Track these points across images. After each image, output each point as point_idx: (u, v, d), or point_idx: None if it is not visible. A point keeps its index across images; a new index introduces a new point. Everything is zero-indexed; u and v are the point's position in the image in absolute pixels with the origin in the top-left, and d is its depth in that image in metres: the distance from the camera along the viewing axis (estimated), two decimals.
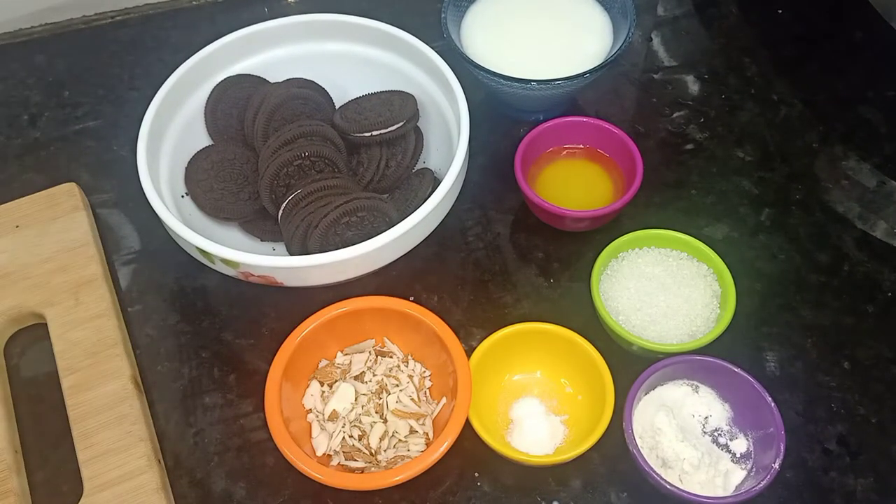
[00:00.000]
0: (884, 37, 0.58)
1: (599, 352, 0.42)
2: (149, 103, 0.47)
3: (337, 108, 0.52)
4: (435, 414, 0.43)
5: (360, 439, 0.41)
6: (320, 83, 0.52)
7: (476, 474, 0.42)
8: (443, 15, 0.53)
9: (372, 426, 0.41)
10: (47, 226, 0.49)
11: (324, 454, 0.41)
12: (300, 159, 0.46)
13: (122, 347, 0.45)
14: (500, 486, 0.42)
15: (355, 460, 0.41)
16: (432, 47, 0.50)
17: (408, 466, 0.38)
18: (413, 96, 0.50)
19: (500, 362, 0.43)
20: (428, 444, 0.41)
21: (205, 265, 0.44)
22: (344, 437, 0.41)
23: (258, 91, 0.50)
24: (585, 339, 0.42)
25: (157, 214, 0.43)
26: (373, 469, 0.41)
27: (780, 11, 0.64)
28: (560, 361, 0.44)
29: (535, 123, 0.51)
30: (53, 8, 0.63)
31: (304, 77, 0.51)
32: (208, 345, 0.47)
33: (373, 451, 0.41)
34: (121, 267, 0.50)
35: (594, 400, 0.42)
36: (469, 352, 0.43)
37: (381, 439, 0.41)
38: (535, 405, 0.43)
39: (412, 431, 0.42)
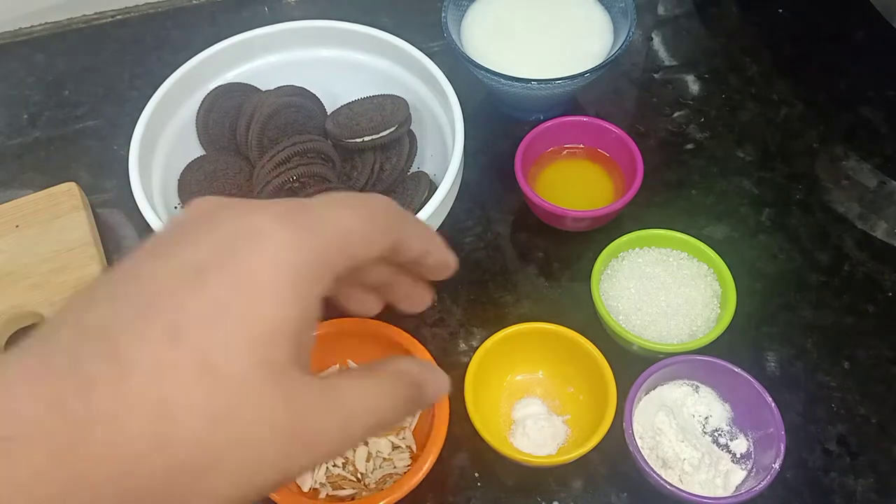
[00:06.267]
0: (884, 37, 0.58)
1: (600, 351, 0.42)
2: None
3: (329, 114, 0.51)
4: (413, 425, 0.42)
5: (344, 466, 0.41)
6: (313, 90, 0.51)
7: (476, 474, 0.42)
8: (443, 14, 0.53)
9: (354, 450, 0.41)
10: (47, 225, 0.49)
11: (310, 489, 0.40)
12: (290, 182, 0.45)
13: None
14: (500, 486, 0.42)
15: (343, 489, 0.40)
16: (432, 47, 0.50)
17: (398, 486, 0.37)
18: (405, 100, 0.49)
19: (501, 362, 0.43)
20: (413, 457, 0.40)
21: None
22: (328, 468, 0.40)
23: (250, 100, 0.50)
24: (587, 338, 0.42)
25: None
26: (363, 494, 0.40)
27: (780, 11, 0.64)
28: (562, 361, 0.44)
29: (536, 123, 0.51)
30: (53, 7, 0.63)
31: (297, 84, 0.51)
32: None
33: (360, 476, 0.40)
34: None
35: (596, 400, 0.42)
36: (470, 352, 0.42)
37: (367, 461, 0.40)
38: (537, 405, 0.43)
39: (395, 447, 0.41)
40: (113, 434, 0.21)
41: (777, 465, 0.38)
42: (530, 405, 0.43)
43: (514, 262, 0.50)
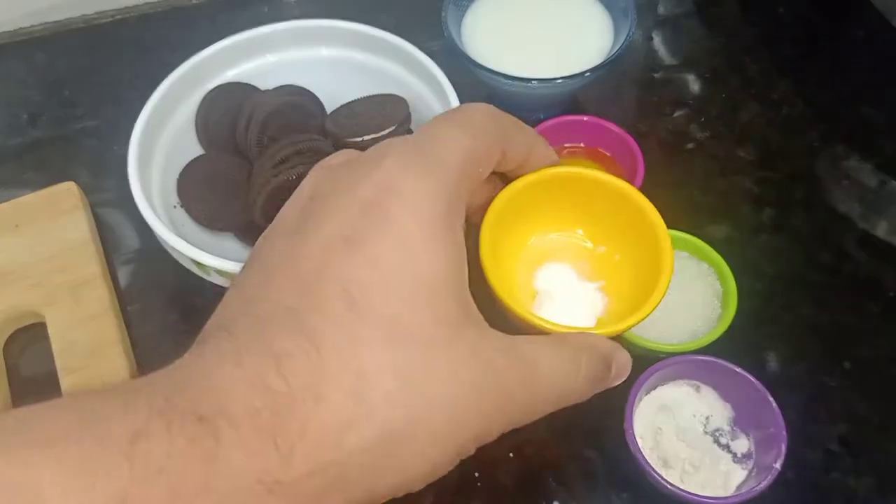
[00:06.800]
0: (885, 36, 0.58)
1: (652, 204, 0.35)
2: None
3: (329, 113, 0.51)
4: None
5: None
6: (313, 89, 0.51)
7: (476, 474, 0.42)
8: (443, 14, 0.53)
9: None
10: (47, 225, 0.49)
11: None
12: (290, 182, 0.45)
13: (122, 347, 0.45)
14: (501, 486, 0.42)
15: None
16: (432, 47, 0.50)
17: None
18: (405, 99, 0.49)
19: (520, 220, 0.35)
20: None
21: None
22: None
23: (249, 99, 0.50)
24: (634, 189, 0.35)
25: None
26: None
27: (780, 11, 0.64)
28: (595, 217, 0.36)
29: (536, 122, 0.51)
30: (53, 7, 0.63)
31: (297, 83, 0.51)
32: None
33: None
34: (120, 266, 0.50)
35: (637, 261, 0.34)
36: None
37: None
38: (565, 271, 0.36)
39: None
40: (316, 408, 0.21)
41: (778, 465, 0.38)
42: (556, 271, 0.36)
43: None
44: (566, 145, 0.52)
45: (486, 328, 0.25)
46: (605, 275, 0.36)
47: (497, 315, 0.30)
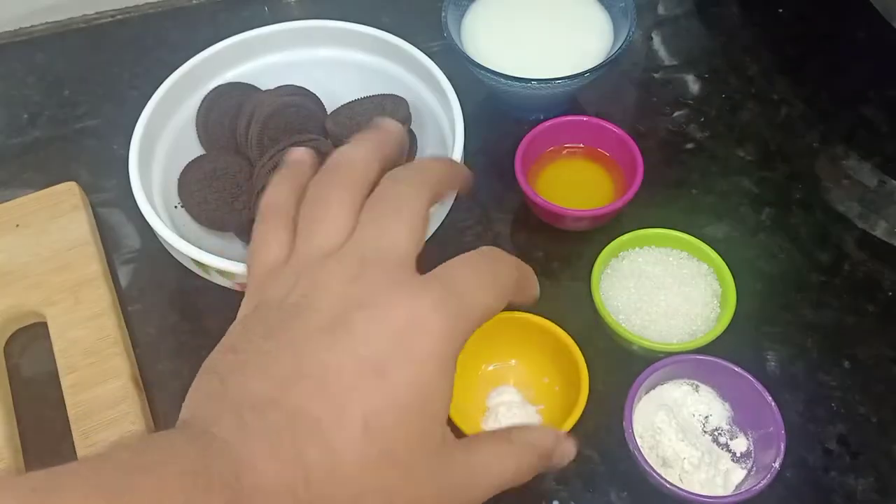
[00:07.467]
0: (885, 37, 0.58)
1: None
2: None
3: (329, 113, 0.52)
4: None
5: None
6: (314, 89, 0.51)
7: None
8: (443, 14, 0.53)
9: None
10: (47, 225, 0.49)
11: None
12: None
13: (122, 346, 0.45)
14: None
15: None
16: (432, 47, 0.50)
17: None
18: (405, 99, 0.49)
19: (478, 350, 0.43)
20: None
21: None
22: None
23: (250, 99, 0.50)
24: (571, 335, 0.42)
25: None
26: None
27: (780, 11, 0.64)
28: (537, 352, 0.44)
29: (536, 123, 0.51)
30: (53, 7, 0.63)
31: (297, 83, 0.51)
32: (209, 343, 0.47)
33: None
34: (121, 266, 0.50)
35: (570, 391, 0.42)
36: None
37: None
38: (511, 394, 0.44)
39: None
40: None
41: (777, 465, 0.38)
42: (504, 393, 0.44)
43: None
44: (566, 145, 0.53)
45: (454, 441, 0.30)
46: (544, 400, 0.44)
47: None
